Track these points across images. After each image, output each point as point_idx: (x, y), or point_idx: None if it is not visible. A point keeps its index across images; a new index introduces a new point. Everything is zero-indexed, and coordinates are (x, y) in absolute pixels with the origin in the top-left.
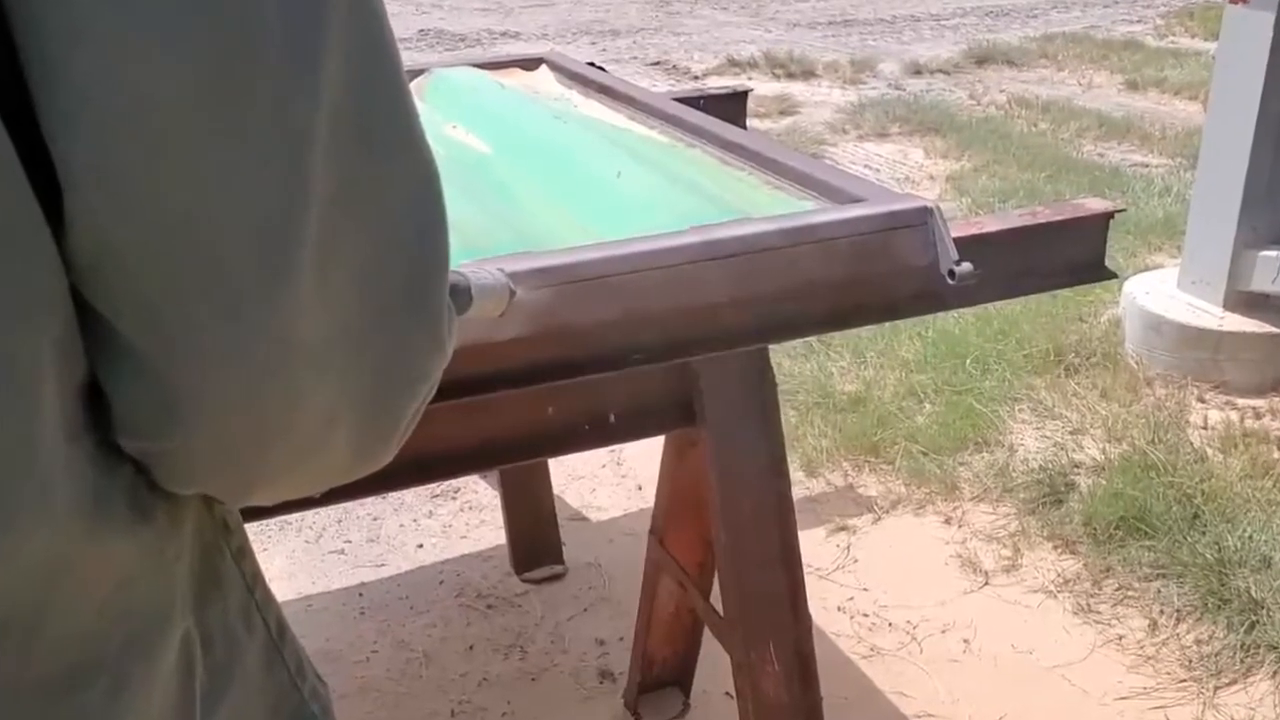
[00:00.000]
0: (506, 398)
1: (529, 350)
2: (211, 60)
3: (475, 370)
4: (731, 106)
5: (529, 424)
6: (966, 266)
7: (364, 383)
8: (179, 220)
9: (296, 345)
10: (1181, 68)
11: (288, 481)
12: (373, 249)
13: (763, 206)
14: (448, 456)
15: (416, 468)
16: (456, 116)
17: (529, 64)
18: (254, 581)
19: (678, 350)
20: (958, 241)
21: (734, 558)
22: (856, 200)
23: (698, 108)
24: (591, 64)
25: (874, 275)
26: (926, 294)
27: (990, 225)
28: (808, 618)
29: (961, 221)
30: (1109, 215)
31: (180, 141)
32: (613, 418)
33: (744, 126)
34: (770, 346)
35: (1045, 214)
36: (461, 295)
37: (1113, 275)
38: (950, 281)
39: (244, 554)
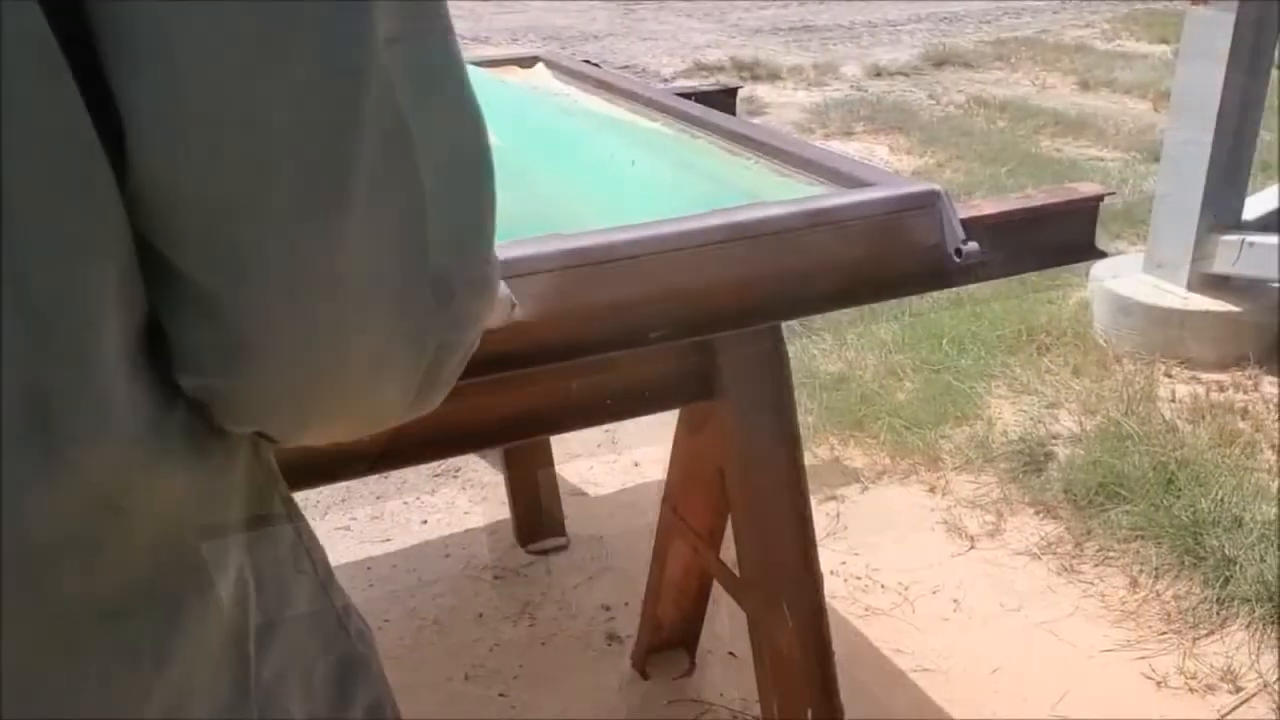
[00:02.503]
0: (532, 374)
1: (555, 329)
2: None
3: (503, 349)
4: (722, 102)
5: (554, 399)
6: (973, 246)
7: (410, 326)
8: (236, 156)
9: (346, 282)
10: (1130, 69)
11: (340, 421)
12: (421, 191)
13: (774, 192)
14: (479, 430)
15: (449, 440)
16: None
17: (525, 62)
18: (300, 525)
19: (699, 328)
20: (961, 223)
21: (751, 522)
22: (866, 185)
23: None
24: (588, 61)
25: (886, 255)
26: (935, 272)
27: (988, 208)
28: (820, 576)
29: (961, 204)
30: (1099, 198)
31: (236, 79)
32: (634, 392)
33: None
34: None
35: (1040, 197)
36: None
37: (1103, 254)
38: (957, 260)
39: (289, 499)
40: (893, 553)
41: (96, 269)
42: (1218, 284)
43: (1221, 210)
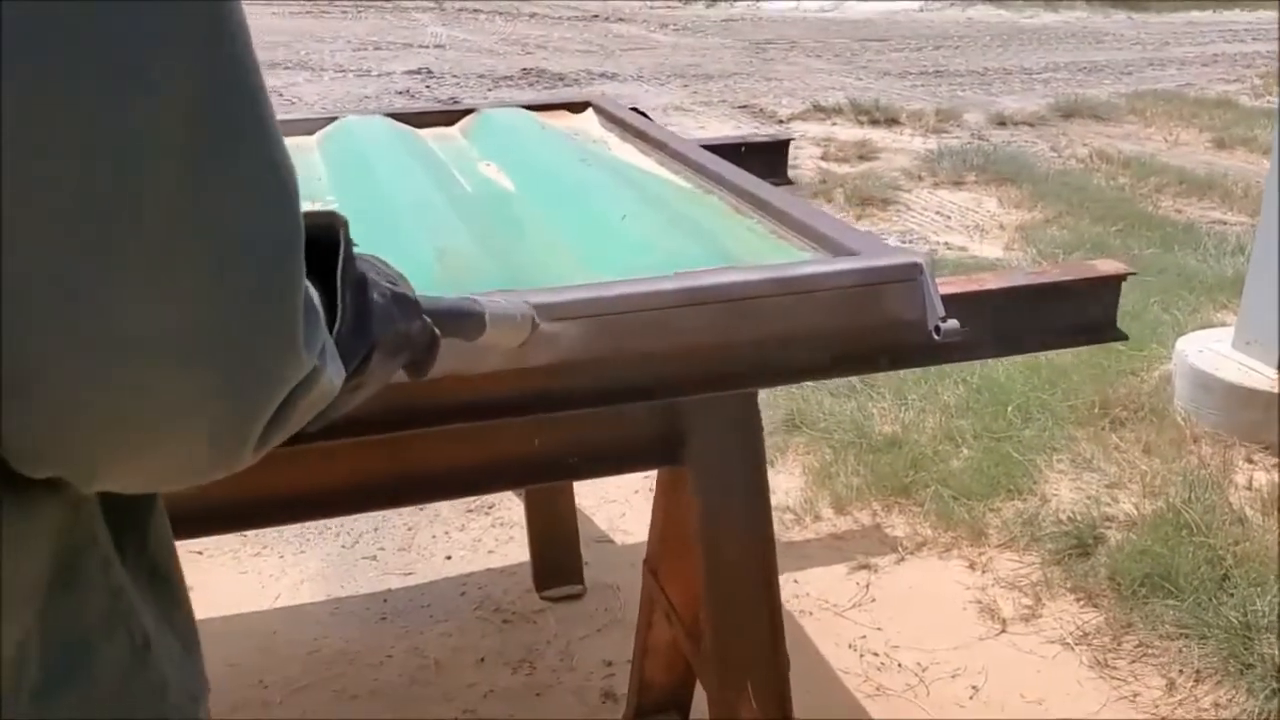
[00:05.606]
0: (494, 427)
1: (515, 382)
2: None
3: (467, 399)
4: (773, 154)
5: (516, 454)
6: (953, 324)
7: (207, 381)
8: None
9: (130, 341)
10: (1274, 128)
11: (136, 470)
12: (219, 255)
13: (762, 254)
14: (436, 480)
15: (408, 487)
16: (491, 154)
17: (576, 107)
18: (118, 593)
19: (661, 390)
20: (957, 298)
21: (715, 596)
22: (851, 253)
23: (739, 154)
24: (635, 109)
25: (861, 327)
26: (916, 347)
27: (991, 282)
28: (786, 658)
29: (962, 278)
30: (1121, 277)
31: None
32: (598, 452)
33: (785, 173)
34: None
35: (1052, 274)
36: (474, 321)
37: (1124, 336)
38: (936, 338)
39: (109, 565)
40: (917, 630)
41: None
42: None
43: None
